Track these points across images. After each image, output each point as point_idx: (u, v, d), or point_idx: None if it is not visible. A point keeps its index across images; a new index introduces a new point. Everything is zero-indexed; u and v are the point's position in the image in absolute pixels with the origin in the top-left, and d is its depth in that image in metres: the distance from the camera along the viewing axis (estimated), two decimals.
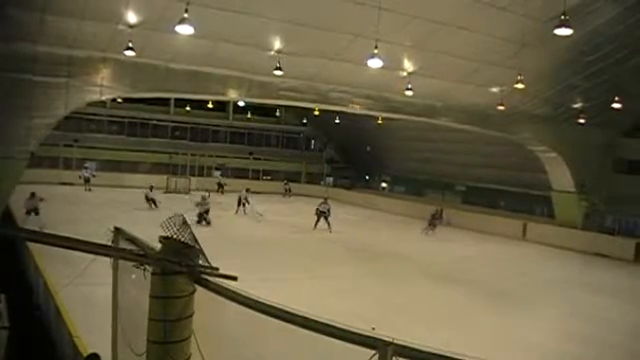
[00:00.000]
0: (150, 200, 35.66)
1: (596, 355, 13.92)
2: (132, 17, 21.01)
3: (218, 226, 29.64)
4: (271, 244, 26.21)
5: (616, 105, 27.85)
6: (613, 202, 33.59)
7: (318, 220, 31.77)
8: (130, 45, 21.08)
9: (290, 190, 53.23)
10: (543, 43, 23.53)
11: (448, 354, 3.48)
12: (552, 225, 35.12)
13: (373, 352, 3.69)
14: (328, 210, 32.23)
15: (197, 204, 30.94)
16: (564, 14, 15.40)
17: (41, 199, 26.38)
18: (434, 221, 34.86)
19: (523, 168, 38.32)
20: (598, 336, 15.52)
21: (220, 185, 50.45)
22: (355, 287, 18.68)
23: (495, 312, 17.46)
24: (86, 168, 43.92)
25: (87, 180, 43.21)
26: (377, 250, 26.60)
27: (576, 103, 31.49)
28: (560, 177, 35.02)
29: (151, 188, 36.60)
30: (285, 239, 28.21)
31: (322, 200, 33.25)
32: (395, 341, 3.64)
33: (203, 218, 30.34)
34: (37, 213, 25.45)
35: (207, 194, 34.92)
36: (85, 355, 7.58)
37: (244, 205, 37.60)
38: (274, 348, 5.44)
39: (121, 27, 21.31)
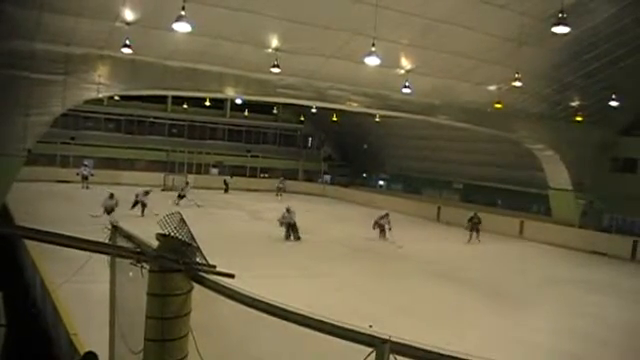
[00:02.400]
0: (139, 203, 31.63)
1: (594, 353, 13.93)
2: (129, 14, 20.99)
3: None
4: (268, 242, 26.25)
5: (613, 103, 27.89)
6: (610, 200, 33.63)
7: (382, 232, 29.55)
8: (127, 42, 21.07)
9: (284, 189, 51.06)
10: (541, 41, 23.59)
11: (445, 352, 3.47)
12: (549, 223, 35.16)
13: (370, 350, 3.68)
14: (389, 223, 29.71)
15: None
16: (562, 12, 15.44)
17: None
18: (476, 226, 32.09)
19: (520, 166, 38.36)
20: (596, 334, 15.55)
21: (226, 184, 50.18)
22: (353, 285, 18.70)
23: (492, 310, 17.48)
24: (85, 166, 43.41)
25: (85, 178, 42.85)
26: (375, 248, 26.60)
27: (573, 101, 31.54)
28: (557, 175, 35.05)
29: (147, 193, 32.83)
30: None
31: (382, 214, 30.32)
32: (392, 339, 3.63)
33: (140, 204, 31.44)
34: (109, 213, 26.69)
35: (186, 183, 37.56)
36: (82, 353, 7.56)
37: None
38: (272, 346, 5.43)
39: (118, 24, 21.29)
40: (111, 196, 28.02)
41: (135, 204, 31.46)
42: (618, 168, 35.10)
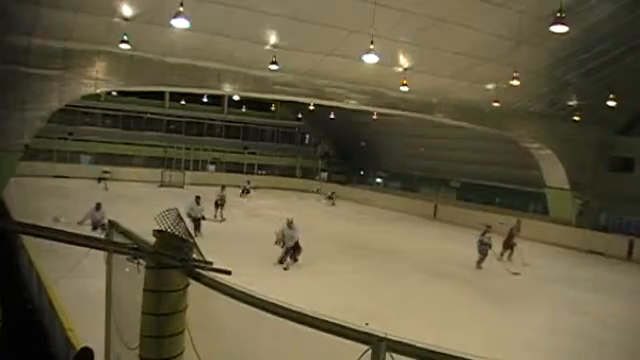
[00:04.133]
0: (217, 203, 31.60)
1: (592, 352, 13.95)
2: (127, 10, 21.00)
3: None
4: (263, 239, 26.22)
5: (611, 103, 27.91)
6: (607, 199, 33.69)
7: (482, 259, 24.47)
8: (125, 38, 21.08)
9: (248, 191, 45.38)
10: (539, 40, 23.57)
11: (441, 350, 3.48)
12: (546, 222, 35.21)
13: (367, 347, 3.69)
14: (489, 239, 24.67)
15: None
16: (560, 11, 15.42)
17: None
18: (511, 241, 26.87)
19: (517, 165, 38.35)
20: (593, 333, 15.58)
21: (246, 190, 44.87)
22: (350, 283, 18.71)
23: (489, 308, 17.51)
24: (105, 172, 41.75)
25: (103, 179, 41.22)
26: (372, 246, 26.57)
27: (571, 100, 31.57)
28: (554, 174, 35.10)
29: (221, 200, 31.41)
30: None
31: (484, 228, 25.53)
32: (388, 337, 3.64)
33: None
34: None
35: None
36: (78, 349, 7.56)
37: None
38: (268, 342, 5.44)
39: (116, 20, 21.30)
40: (197, 200, 25.68)
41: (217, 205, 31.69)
42: (615, 167, 35.13)
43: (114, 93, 47.37)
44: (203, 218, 25.29)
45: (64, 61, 23.23)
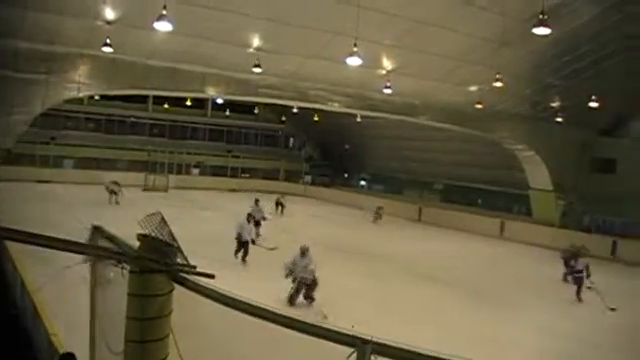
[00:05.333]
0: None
1: (577, 351, 14.00)
2: (110, 13, 20.94)
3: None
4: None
5: (593, 104, 28.10)
6: (590, 200, 33.87)
7: (579, 290, 20.15)
8: (108, 41, 20.98)
9: (282, 205, 39.46)
10: (522, 42, 23.68)
11: (426, 352, 3.48)
12: (529, 223, 35.40)
13: (352, 350, 3.69)
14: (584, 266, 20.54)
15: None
16: (542, 13, 15.49)
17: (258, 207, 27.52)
18: (575, 269, 21.12)
19: (501, 166, 38.53)
20: (578, 333, 15.65)
21: (280, 204, 39.42)
22: (336, 286, 18.65)
23: (474, 310, 17.54)
24: (115, 183, 37.66)
25: (114, 192, 36.88)
26: (357, 249, 26.55)
27: (554, 102, 31.80)
28: (537, 175, 35.30)
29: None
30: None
31: (569, 252, 22.87)
32: (374, 339, 3.64)
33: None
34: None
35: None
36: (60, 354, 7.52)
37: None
38: (254, 346, 5.42)
39: (99, 23, 21.19)
40: (256, 202, 26.95)
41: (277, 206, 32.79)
42: (598, 168, 35.35)
43: (97, 97, 47.11)
44: (264, 219, 26.76)
45: (48, 65, 23.14)
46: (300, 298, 16.62)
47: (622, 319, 17.86)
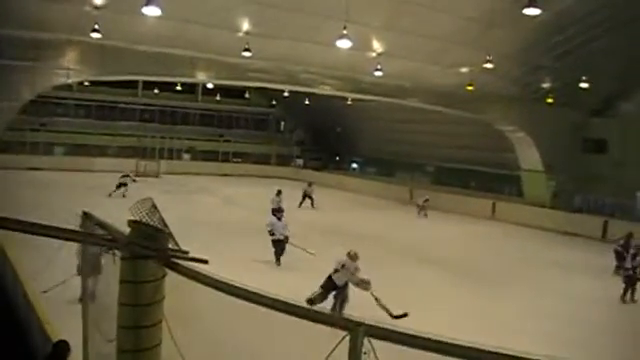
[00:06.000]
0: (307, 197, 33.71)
1: (569, 331, 14.04)
2: None
3: None
4: (241, 226, 26.12)
5: (584, 85, 28.12)
6: (581, 181, 33.95)
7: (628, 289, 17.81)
8: (96, 27, 20.85)
9: (310, 197, 34.95)
10: (512, 23, 23.64)
11: (420, 334, 3.48)
12: (521, 204, 35.50)
13: (345, 333, 3.68)
14: None
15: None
16: None
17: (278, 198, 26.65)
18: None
19: (492, 148, 38.46)
20: (570, 313, 15.71)
21: (308, 197, 35.00)
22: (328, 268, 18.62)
23: (467, 291, 17.58)
24: (126, 176, 34.24)
25: (124, 185, 32.65)
26: (350, 231, 26.49)
27: (544, 83, 31.83)
28: (528, 156, 35.33)
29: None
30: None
31: (621, 242, 21.19)
32: (366, 322, 3.63)
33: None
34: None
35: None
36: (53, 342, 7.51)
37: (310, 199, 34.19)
38: (246, 331, 5.42)
39: (87, 9, 21.03)
40: (279, 193, 26.58)
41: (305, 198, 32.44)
42: (589, 149, 35.39)
43: (86, 83, 46.88)
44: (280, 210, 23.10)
45: (36, 52, 23.03)
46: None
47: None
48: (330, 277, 13.91)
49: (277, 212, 20.39)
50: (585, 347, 12.30)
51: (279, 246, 18.85)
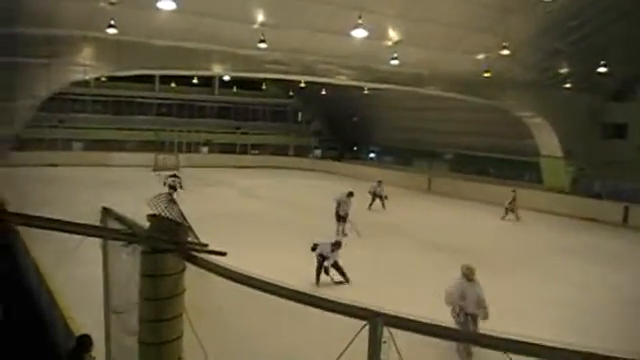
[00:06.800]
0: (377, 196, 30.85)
1: (587, 320, 13.98)
2: None
3: None
4: (258, 217, 26.22)
5: (601, 69, 27.91)
6: (601, 166, 33.69)
7: None
8: (112, 23, 20.90)
9: (381, 197, 31.45)
10: (527, 8, 23.53)
11: (437, 323, 3.50)
12: (540, 190, 35.29)
13: (364, 323, 3.70)
14: None
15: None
16: None
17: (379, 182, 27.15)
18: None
19: (511, 134, 38.23)
20: (588, 300, 15.67)
21: (378, 197, 31.47)
22: (346, 256, 18.62)
23: (488, 279, 17.52)
24: (174, 177, 31.47)
25: (173, 188, 29.10)
26: (367, 220, 26.45)
27: (562, 68, 31.57)
28: (547, 142, 35.11)
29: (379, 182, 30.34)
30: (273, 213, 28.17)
31: None
32: (385, 312, 3.65)
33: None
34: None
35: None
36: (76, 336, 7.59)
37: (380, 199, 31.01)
38: (266, 321, 5.47)
39: (102, 4, 21.09)
40: (350, 194, 24.10)
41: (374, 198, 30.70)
42: (608, 134, 35.15)
43: (103, 79, 47.03)
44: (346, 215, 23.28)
45: (49, 48, 23.11)
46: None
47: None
48: None
49: (335, 246, 16.24)
50: (590, 333, 12.23)
51: (319, 261, 16.12)
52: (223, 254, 5.10)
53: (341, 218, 23.07)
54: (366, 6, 19.88)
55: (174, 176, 30.66)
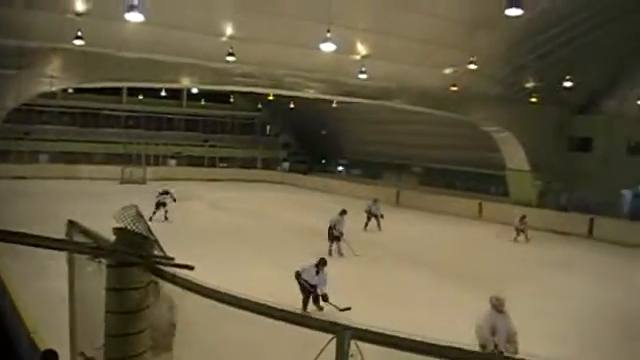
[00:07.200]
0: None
1: (559, 330, 14.07)
2: (80, 5, 20.70)
3: None
4: (224, 230, 26.13)
5: (567, 84, 28.29)
6: (567, 179, 34.11)
7: None
8: (79, 34, 20.76)
9: (376, 216, 29.42)
10: (495, 24, 23.73)
11: (406, 336, 3.49)
12: (507, 204, 35.58)
13: (331, 336, 3.69)
14: None
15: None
16: None
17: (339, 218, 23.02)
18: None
19: (478, 148, 38.55)
20: (559, 310, 15.78)
21: (373, 216, 29.59)
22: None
23: (455, 290, 17.60)
24: (165, 194, 28.85)
25: (163, 205, 28.11)
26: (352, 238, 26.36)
27: (529, 82, 31.92)
28: (514, 156, 35.46)
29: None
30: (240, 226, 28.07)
31: None
32: (353, 325, 3.64)
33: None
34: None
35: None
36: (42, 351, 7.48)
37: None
38: (236, 334, 5.43)
39: (69, 16, 20.95)
40: (343, 212, 23.28)
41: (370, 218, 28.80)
42: (574, 147, 35.71)
43: (70, 90, 46.67)
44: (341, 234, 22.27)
45: (19, 60, 22.88)
46: None
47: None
48: None
49: (320, 264, 14.71)
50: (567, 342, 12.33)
51: (304, 290, 14.71)
52: (190, 268, 5.06)
53: (335, 238, 22.16)
54: (335, 20, 19.92)
55: (165, 193, 28.73)
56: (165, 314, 6.35)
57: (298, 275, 14.65)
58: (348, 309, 13.68)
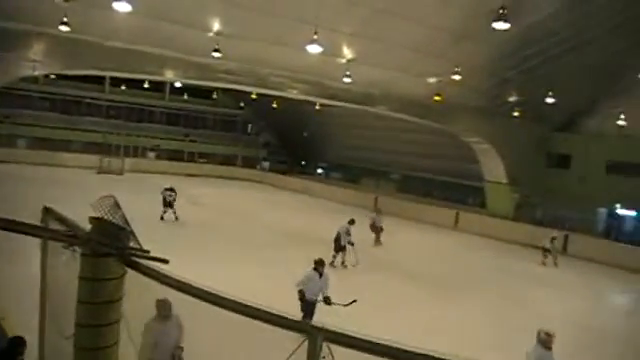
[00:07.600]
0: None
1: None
2: None
3: None
4: (206, 228, 26.03)
5: (549, 100, 28.48)
6: (544, 195, 34.35)
7: None
8: (65, 20, 20.55)
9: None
10: (481, 36, 23.85)
11: (378, 341, 3.49)
12: (484, 215, 35.74)
13: (303, 337, 3.68)
14: None
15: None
16: (502, 8, 15.61)
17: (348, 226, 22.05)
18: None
19: (458, 158, 38.78)
20: (532, 323, 15.84)
21: (377, 228, 27.80)
22: (286, 273, 18.56)
23: (430, 300, 17.65)
24: (169, 190, 27.69)
25: (169, 205, 27.38)
26: (313, 236, 26.43)
27: (511, 97, 32.10)
28: (493, 168, 35.67)
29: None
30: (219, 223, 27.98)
31: None
32: (326, 327, 3.64)
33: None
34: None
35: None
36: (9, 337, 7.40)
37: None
38: (208, 330, 5.39)
39: (57, 0, 20.72)
40: (351, 222, 22.35)
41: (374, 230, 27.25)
42: (553, 163, 36.04)
43: (53, 76, 46.31)
44: (350, 244, 21.47)
45: (2, 42, 22.64)
46: None
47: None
48: None
49: (319, 265, 13.50)
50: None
51: (308, 308, 13.09)
52: (165, 262, 5.03)
53: (341, 248, 21.41)
54: (322, 22, 19.93)
55: (171, 190, 27.48)
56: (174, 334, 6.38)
57: (302, 295, 12.97)
58: (354, 302, 12.87)
